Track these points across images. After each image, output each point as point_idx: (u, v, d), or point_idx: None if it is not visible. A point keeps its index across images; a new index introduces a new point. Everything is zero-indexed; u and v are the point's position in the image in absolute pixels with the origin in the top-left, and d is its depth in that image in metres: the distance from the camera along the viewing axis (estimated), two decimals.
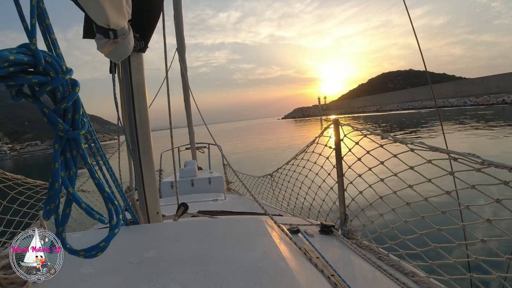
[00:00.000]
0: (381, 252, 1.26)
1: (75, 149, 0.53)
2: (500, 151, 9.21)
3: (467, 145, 10.76)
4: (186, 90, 4.66)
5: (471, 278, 0.98)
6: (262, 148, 18.72)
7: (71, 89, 0.50)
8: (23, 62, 0.44)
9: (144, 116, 1.45)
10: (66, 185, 0.50)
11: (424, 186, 1.19)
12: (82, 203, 0.52)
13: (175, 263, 0.91)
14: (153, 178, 1.50)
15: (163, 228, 1.32)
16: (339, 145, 1.53)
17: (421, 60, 1.66)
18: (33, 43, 0.46)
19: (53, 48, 0.53)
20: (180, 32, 4.14)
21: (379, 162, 1.33)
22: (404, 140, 1.21)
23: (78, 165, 0.56)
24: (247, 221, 1.35)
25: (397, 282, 1.00)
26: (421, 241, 1.15)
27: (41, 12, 0.51)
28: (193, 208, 1.92)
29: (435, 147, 1.08)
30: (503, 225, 0.97)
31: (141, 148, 1.44)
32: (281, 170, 2.59)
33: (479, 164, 0.93)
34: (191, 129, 5.03)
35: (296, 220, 1.78)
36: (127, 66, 1.40)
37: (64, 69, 0.49)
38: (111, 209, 0.56)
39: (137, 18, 1.20)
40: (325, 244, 1.32)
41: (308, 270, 0.97)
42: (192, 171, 3.98)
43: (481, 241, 0.95)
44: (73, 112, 0.51)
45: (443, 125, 1.85)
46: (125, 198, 1.39)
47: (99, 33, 1.04)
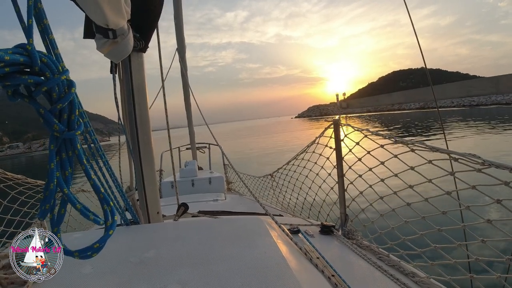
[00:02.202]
0: (381, 253, 1.25)
1: (70, 150, 0.53)
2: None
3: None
4: (186, 90, 4.67)
5: (471, 279, 0.97)
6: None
7: (67, 89, 0.50)
8: (19, 62, 0.44)
9: (145, 116, 1.45)
10: (61, 185, 0.50)
11: (425, 187, 1.18)
12: (77, 204, 0.52)
13: (175, 263, 0.91)
14: (153, 178, 1.50)
15: (163, 228, 1.32)
16: (340, 146, 1.53)
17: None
18: (30, 43, 0.46)
19: (51, 49, 0.53)
20: (180, 32, 4.14)
21: (379, 162, 1.32)
22: (405, 141, 1.20)
23: (76, 166, 0.56)
24: (248, 221, 1.35)
25: (397, 283, 1.00)
26: (421, 241, 1.14)
27: (39, 12, 0.51)
28: (194, 208, 1.92)
29: (435, 147, 1.08)
30: (503, 226, 0.97)
31: (142, 148, 1.45)
32: (282, 170, 2.59)
33: (480, 165, 0.93)
34: (191, 129, 5.03)
35: (296, 220, 1.78)
36: (127, 66, 1.40)
37: (60, 70, 0.49)
38: (107, 210, 0.56)
39: (137, 18, 1.20)
40: (325, 244, 1.32)
41: (308, 271, 0.96)
42: (192, 171, 3.99)
43: (481, 241, 0.94)
44: (69, 113, 0.51)
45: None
46: (126, 198, 1.39)
47: (99, 33, 1.04)
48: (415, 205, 1.22)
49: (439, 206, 1.11)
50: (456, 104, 52.20)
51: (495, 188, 0.92)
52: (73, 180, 0.60)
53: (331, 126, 1.57)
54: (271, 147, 18.90)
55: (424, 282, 1.03)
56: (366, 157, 1.41)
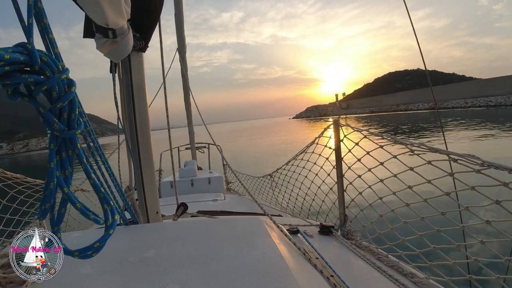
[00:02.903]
0: (380, 253, 1.25)
1: (70, 149, 0.53)
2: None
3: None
4: (186, 90, 4.66)
5: (470, 279, 0.97)
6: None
7: (67, 88, 0.50)
8: (19, 61, 0.44)
9: (144, 116, 1.45)
10: (61, 185, 0.50)
11: (424, 187, 1.18)
12: (77, 203, 0.52)
13: (175, 263, 0.91)
14: (152, 178, 1.50)
15: (162, 228, 1.32)
16: (339, 146, 1.53)
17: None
18: (30, 43, 0.46)
19: (51, 48, 0.53)
20: (180, 32, 4.14)
21: (379, 163, 1.32)
22: (404, 141, 1.20)
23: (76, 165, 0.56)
24: (247, 221, 1.35)
25: (396, 283, 1.00)
26: (420, 242, 1.14)
27: (39, 11, 0.51)
28: (193, 208, 1.92)
29: (434, 148, 1.08)
30: (502, 227, 0.97)
31: (141, 147, 1.44)
32: (281, 170, 2.59)
33: (479, 166, 0.93)
34: (191, 129, 5.03)
35: (295, 220, 1.78)
36: (127, 66, 1.40)
37: (60, 69, 0.49)
38: (107, 209, 0.56)
39: (137, 18, 1.20)
40: (324, 244, 1.32)
41: (307, 271, 0.96)
42: (191, 171, 3.99)
43: (480, 242, 0.94)
44: (69, 112, 0.51)
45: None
46: (125, 197, 1.39)
47: (99, 33, 1.04)
48: (414, 205, 1.22)
49: (438, 207, 1.12)
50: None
51: (494, 189, 0.92)
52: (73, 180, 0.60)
53: (331, 127, 1.57)
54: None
55: (423, 282, 1.03)
56: (365, 157, 1.41)
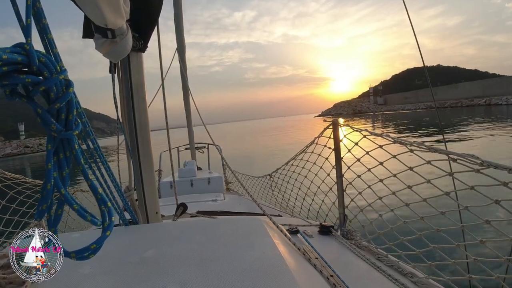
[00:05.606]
0: (380, 253, 1.25)
1: (68, 150, 0.53)
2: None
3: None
4: (186, 90, 4.66)
5: (470, 279, 0.97)
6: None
7: (65, 89, 0.50)
8: (17, 61, 0.44)
9: (144, 116, 1.45)
10: (58, 186, 0.50)
11: (423, 187, 1.18)
12: (75, 204, 0.52)
13: (174, 263, 0.91)
14: (152, 178, 1.50)
15: (162, 228, 1.32)
16: (339, 146, 1.53)
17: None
18: (28, 43, 0.46)
19: (50, 48, 0.53)
20: (180, 32, 4.14)
21: (378, 163, 1.32)
22: (404, 141, 1.20)
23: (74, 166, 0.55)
24: (246, 221, 1.35)
25: (396, 283, 1.00)
26: (420, 242, 1.14)
27: (38, 11, 0.50)
28: (192, 208, 1.92)
29: (434, 148, 1.08)
30: (502, 226, 0.97)
31: (141, 148, 1.44)
32: (281, 170, 2.59)
33: (478, 165, 0.93)
34: (190, 129, 5.03)
35: (295, 220, 1.78)
36: (126, 66, 1.40)
37: (58, 69, 0.49)
38: (104, 210, 0.56)
39: (136, 18, 1.20)
40: (324, 244, 1.32)
41: (307, 271, 0.96)
42: (191, 171, 3.98)
43: (480, 242, 0.94)
44: (66, 113, 0.51)
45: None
46: (124, 198, 1.39)
47: (97, 33, 1.04)
48: (413, 205, 1.22)
49: (437, 206, 1.11)
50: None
51: (493, 188, 0.92)
52: (72, 179, 0.60)
53: (330, 127, 1.57)
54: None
55: (423, 282, 1.03)
56: (365, 157, 1.41)
